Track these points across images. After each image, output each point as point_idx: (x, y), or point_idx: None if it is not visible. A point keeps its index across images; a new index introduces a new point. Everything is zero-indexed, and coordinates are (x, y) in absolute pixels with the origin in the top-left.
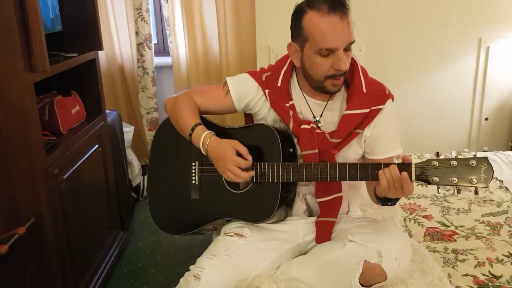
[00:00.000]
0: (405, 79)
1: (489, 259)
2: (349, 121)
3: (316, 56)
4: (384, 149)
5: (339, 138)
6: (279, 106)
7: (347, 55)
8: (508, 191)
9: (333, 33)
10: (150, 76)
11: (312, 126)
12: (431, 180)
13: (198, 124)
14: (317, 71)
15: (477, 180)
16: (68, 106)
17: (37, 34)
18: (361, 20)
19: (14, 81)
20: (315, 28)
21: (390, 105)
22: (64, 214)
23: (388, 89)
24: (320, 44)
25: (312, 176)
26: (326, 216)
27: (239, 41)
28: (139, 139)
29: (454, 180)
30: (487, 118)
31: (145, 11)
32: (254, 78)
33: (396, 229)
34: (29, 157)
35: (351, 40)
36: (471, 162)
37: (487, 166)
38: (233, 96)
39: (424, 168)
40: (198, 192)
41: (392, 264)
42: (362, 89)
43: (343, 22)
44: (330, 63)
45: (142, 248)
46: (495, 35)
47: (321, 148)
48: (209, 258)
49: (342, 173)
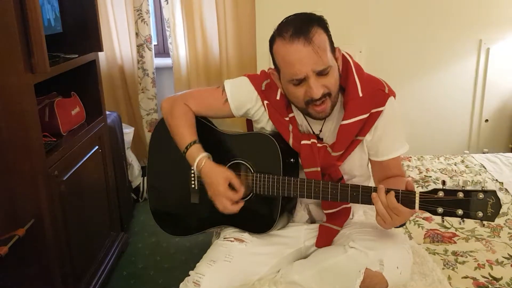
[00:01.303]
0: (405, 81)
1: (489, 261)
2: (348, 131)
3: (290, 85)
4: (389, 150)
5: (340, 150)
6: (277, 120)
7: (324, 79)
8: (508, 193)
9: (297, 63)
10: (150, 77)
11: (312, 141)
12: (435, 211)
13: (193, 142)
14: (295, 99)
15: (483, 215)
16: (68, 107)
17: (37, 35)
18: (361, 21)
19: (14, 82)
20: (281, 58)
21: (391, 104)
22: (64, 216)
23: (388, 86)
24: (289, 74)
25: (313, 194)
26: (332, 224)
27: (239, 42)
28: (139, 140)
29: (459, 213)
30: (487, 120)
31: (145, 12)
32: (254, 86)
33: (397, 236)
34: (29, 158)
35: (319, 68)
36: (479, 195)
37: (495, 200)
38: (231, 105)
39: (428, 198)
40: (198, 197)
41: (393, 272)
42: (358, 93)
43: (307, 49)
44: (304, 91)
45: (142, 250)
46: (495, 36)
47: (323, 164)
48: (209, 264)
49: (343, 195)
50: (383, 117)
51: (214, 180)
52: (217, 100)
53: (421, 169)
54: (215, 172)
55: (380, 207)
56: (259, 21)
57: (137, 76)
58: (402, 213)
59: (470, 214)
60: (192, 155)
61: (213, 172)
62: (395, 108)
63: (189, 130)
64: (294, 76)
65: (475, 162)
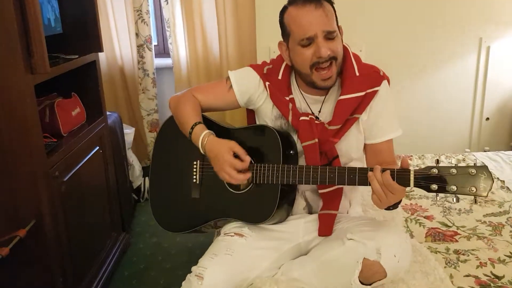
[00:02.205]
0: (405, 80)
1: (491, 259)
2: (345, 106)
3: (298, 47)
4: (383, 132)
5: (337, 125)
6: (278, 99)
7: (331, 43)
8: (509, 191)
9: (308, 22)
10: (151, 77)
11: (311, 117)
12: (430, 187)
13: (198, 122)
14: (302, 62)
15: (476, 189)
16: (69, 108)
17: (37, 36)
18: (361, 20)
19: (15, 83)
20: (293, 21)
21: (386, 87)
22: (65, 216)
23: (383, 71)
24: (299, 35)
25: (311, 179)
26: (328, 209)
27: (239, 41)
28: (139, 141)
29: (452, 189)
30: (488, 118)
31: (145, 13)
32: (256, 71)
33: (395, 226)
34: (29, 159)
35: (328, 28)
36: (471, 170)
37: (486, 175)
38: (235, 90)
39: (422, 175)
40: (198, 191)
41: (391, 260)
42: (355, 72)
43: (317, 11)
44: (312, 52)
45: (143, 250)
46: (495, 35)
47: (320, 137)
48: (210, 258)
49: (341, 177)
50: (378, 98)
51: (218, 151)
52: (222, 89)
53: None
54: (219, 143)
55: (376, 185)
56: (259, 20)
57: (138, 77)
58: (397, 190)
59: (464, 189)
60: (196, 134)
61: (217, 144)
62: (389, 91)
63: (193, 113)
64: (304, 35)
65: (476, 161)
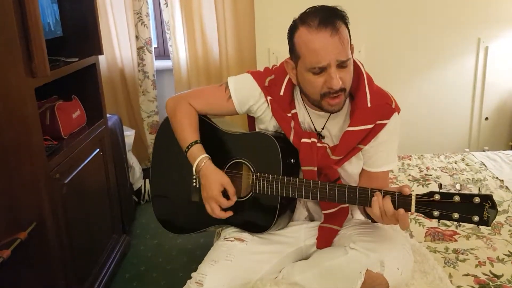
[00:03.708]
0: (404, 80)
1: (490, 258)
2: (352, 138)
3: (309, 74)
4: (381, 162)
5: (341, 155)
6: (280, 116)
7: (343, 72)
8: (508, 190)
9: (322, 51)
10: (151, 79)
11: (312, 140)
12: (431, 214)
13: (195, 142)
14: (311, 90)
15: (479, 219)
16: (69, 111)
17: (37, 39)
18: (360, 21)
19: (15, 87)
20: (305, 46)
21: (395, 119)
22: (66, 218)
23: (395, 101)
24: (310, 62)
25: (311, 194)
26: (331, 224)
27: (239, 43)
28: (140, 143)
29: (455, 216)
30: (487, 118)
31: (145, 15)
32: (257, 82)
33: (398, 237)
34: (30, 162)
35: (342, 58)
36: (475, 199)
37: (491, 205)
38: (234, 101)
39: (424, 201)
40: (198, 195)
41: (394, 273)
42: (367, 103)
43: (333, 39)
44: (323, 81)
45: (144, 252)
46: (493, 35)
47: (321, 164)
48: (210, 264)
49: (341, 195)
50: (385, 130)
51: (209, 183)
52: (221, 97)
53: (422, 167)
54: (213, 175)
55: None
56: (258, 22)
57: (138, 79)
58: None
59: (466, 218)
60: (193, 155)
61: (211, 175)
62: (398, 124)
63: (191, 129)
64: (316, 64)
65: (475, 160)
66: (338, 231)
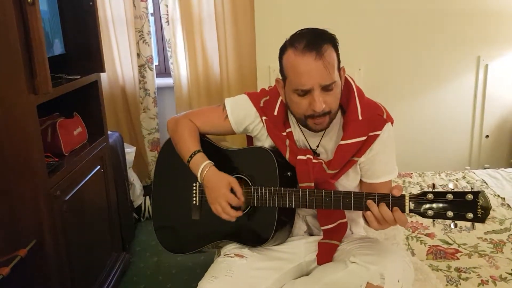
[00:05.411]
0: (405, 98)
1: (493, 277)
2: (345, 151)
3: (294, 95)
4: (379, 174)
5: (336, 169)
6: (275, 135)
7: (328, 95)
8: (510, 208)
9: (306, 74)
10: (152, 97)
11: (308, 157)
12: (426, 213)
13: (197, 151)
14: (297, 110)
15: (473, 216)
16: (71, 128)
17: (40, 57)
18: (360, 40)
19: (18, 103)
20: (291, 67)
21: (388, 130)
22: (66, 236)
23: (386, 112)
24: (295, 84)
25: (308, 203)
26: (330, 239)
27: (239, 61)
28: (140, 160)
29: (449, 215)
30: (488, 136)
31: (147, 33)
32: (253, 103)
33: (398, 250)
34: (31, 179)
35: (326, 82)
36: (468, 196)
37: (484, 201)
38: (231, 121)
39: (418, 200)
40: (199, 213)
41: (395, 285)
42: (358, 116)
43: (317, 63)
44: (308, 103)
45: (143, 270)
46: (493, 53)
47: (317, 179)
48: (210, 280)
49: (336, 201)
50: (379, 141)
51: (217, 183)
52: (218, 117)
53: (423, 185)
54: (219, 176)
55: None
56: (259, 40)
57: (139, 96)
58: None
59: (460, 215)
60: (196, 162)
61: (217, 176)
62: (391, 134)
63: (193, 140)
64: (300, 87)
65: (476, 178)
66: (338, 246)
